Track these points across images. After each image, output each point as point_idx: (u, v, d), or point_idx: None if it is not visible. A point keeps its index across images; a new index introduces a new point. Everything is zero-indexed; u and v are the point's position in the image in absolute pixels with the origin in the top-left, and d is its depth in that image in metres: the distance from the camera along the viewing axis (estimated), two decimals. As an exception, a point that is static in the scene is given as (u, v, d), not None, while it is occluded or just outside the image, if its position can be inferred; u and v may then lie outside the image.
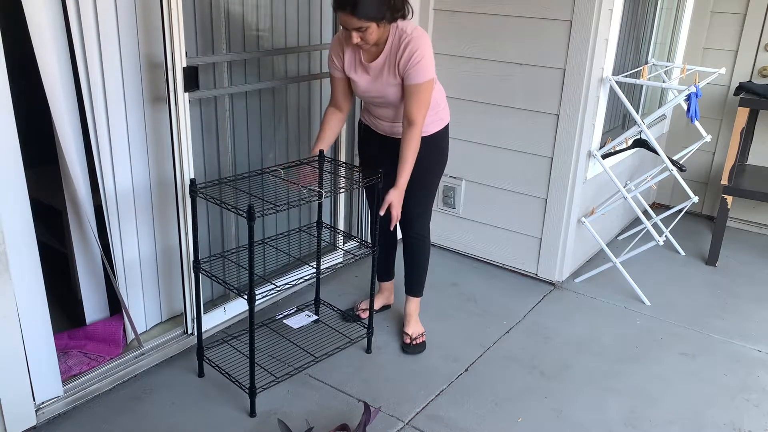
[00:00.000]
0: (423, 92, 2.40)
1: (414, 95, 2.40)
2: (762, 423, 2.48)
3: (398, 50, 2.37)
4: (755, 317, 3.22)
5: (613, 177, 3.27)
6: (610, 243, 3.81)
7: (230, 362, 2.58)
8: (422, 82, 2.38)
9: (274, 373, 2.53)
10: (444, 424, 2.39)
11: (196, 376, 2.58)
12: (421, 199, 2.72)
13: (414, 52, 2.34)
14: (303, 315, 2.83)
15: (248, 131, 2.88)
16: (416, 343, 2.83)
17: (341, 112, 2.65)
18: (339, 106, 2.63)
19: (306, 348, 2.71)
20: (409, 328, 2.86)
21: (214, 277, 2.47)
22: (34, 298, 2.17)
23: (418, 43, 2.34)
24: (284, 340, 2.77)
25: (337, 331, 2.86)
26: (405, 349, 2.82)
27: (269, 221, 3.12)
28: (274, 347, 2.73)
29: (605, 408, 2.52)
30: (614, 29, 3.11)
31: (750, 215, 4.25)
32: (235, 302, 2.91)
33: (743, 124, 3.58)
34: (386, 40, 2.39)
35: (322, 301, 3.05)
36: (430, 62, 2.38)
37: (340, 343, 2.77)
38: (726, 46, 4.13)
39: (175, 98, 2.37)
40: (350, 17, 2.24)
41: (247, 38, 2.74)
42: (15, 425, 2.17)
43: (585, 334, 3.00)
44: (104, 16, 2.23)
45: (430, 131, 2.61)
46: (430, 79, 2.40)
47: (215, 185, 2.39)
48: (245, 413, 2.39)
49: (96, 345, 2.61)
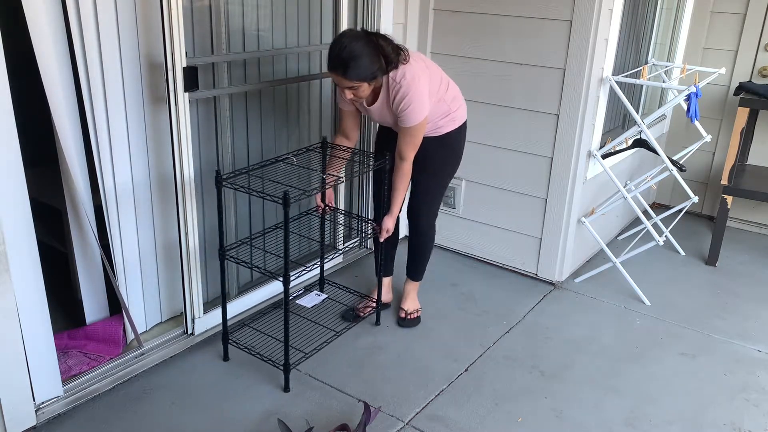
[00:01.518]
0: (413, 134, 2.55)
1: (405, 136, 2.56)
2: (762, 423, 2.48)
3: (390, 96, 2.51)
4: (755, 317, 3.22)
5: (613, 177, 3.27)
6: (610, 243, 3.81)
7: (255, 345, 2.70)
8: (411, 126, 2.52)
9: (302, 350, 2.67)
10: (444, 424, 2.39)
11: (221, 360, 2.68)
12: (429, 195, 2.83)
13: (402, 99, 2.47)
14: (313, 294, 3.02)
15: (248, 131, 2.87)
16: (411, 317, 2.99)
17: (349, 140, 2.80)
18: (347, 134, 2.79)
19: (324, 325, 2.87)
20: (405, 304, 3.02)
21: (243, 263, 2.55)
22: (34, 298, 2.17)
23: (406, 90, 2.46)
24: (301, 319, 2.92)
25: (347, 306, 3.03)
26: (400, 322, 2.99)
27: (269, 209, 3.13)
28: (294, 326, 2.85)
29: (605, 408, 2.52)
30: (614, 29, 3.11)
31: (750, 215, 4.25)
32: (236, 302, 2.91)
33: (743, 124, 3.58)
34: (379, 87, 2.53)
35: (327, 281, 3.21)
36: (419, 106, 2.49)
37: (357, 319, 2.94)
38: (726, 46, 4.13)
39: (175, 98, 2.37)
40: (341, 79, 2.39)
41: (247, 38, 2.74)
42: (15, 425, 2.17)
43: (585, 334, 3.00)
44: (104, 16, 2.23)
45: (443, 131, 2.71)
46: (419, 122, 2.52)
47: (237, 175, 2.48)
48: (278, 389, 2.52)
49: (96, 345, 2.61)
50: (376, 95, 2.56)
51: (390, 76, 2.48)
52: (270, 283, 3.05)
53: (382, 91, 2.53)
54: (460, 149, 2.82)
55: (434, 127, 2.68)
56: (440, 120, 2.67)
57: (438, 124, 2.68)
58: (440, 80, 2.64)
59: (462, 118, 2.76)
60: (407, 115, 2.49)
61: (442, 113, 2.66)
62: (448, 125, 2.71)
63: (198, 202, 2.65)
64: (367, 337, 2.89)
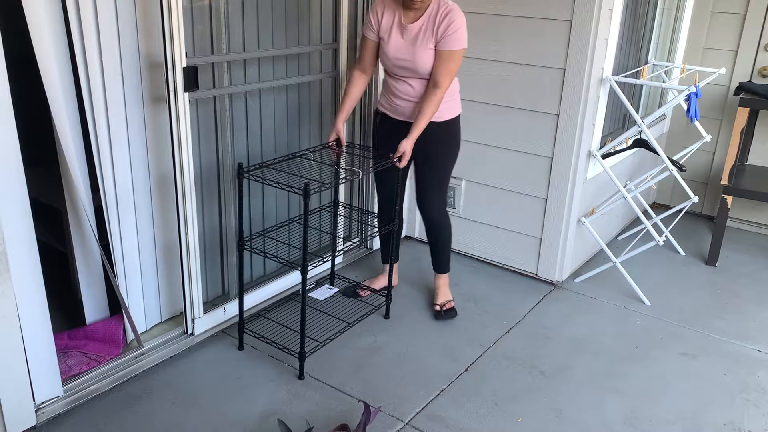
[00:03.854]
0: (453, 60, 2.62)
1: (445, 61, 2.61)
2: (762, 423, 2.48)
3: (437, 17, 2.59)
4: (755, 317, 3.22)
5: (613, 177, 3.27)
6: (610, 243, 3.81)
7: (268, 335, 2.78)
8: (455, 50, 2.60)
9: (317, 339, 2.74)
10: (444, 424, 2.39)
11: (236, 349, 2.75)
12: (437, 183, 2.90)
13: (453, 21, 2.58)
14: (324, 288, 3.10)
15: (248, 131, 2.87)
16: (446, 309, 3.05)
17: (365, 75, 2.85)
18: (364, 69, 2.83)
19: (336, 316, 2.95)
20: (438, 299, 3.09)
21: (262, 252, 2.63)
22: (34, 298, 2.17)
23: (457, 14, 2.59)
24: (314, 311, 3.00)
25: (359, 300, 3.11)
26: (437, 317, 3.05)
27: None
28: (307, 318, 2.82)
29: (605, 408, 2.52)
30: (614, 29, 3.11)
31: (750, 215, 4.25)
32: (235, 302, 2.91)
33: (743, 124, 3.58)
34: (428, 6, 2.60)
35: (337, 275, 3.27)
36: (464, 34, 2.61)
37: (365, 310, 3.01)
38: (726, 46, 4.13)
39: (175, 98, 2.37)
40: None
41: (247, 38, 2.74)
42: (15, 425, 2.17)
43: (585, 334, 3.00)
44: (104, 16, 2.23)
45: (445, 117, 2.79)
46: (463, 48, 2.62)
47: (257, 169, 2.57)
48: (293, 376, 2.59)
49: (96, 345, 2.61)
50: (418, 16, 2.62)
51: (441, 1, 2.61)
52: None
53: (426, 12, 2.61)
54: (459, 138, 2.90)
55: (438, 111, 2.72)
56: (444, 102, 2.72)
57: (442, 107, 2.73)
58: None
59: (458, 109, 2.85)
60: (453, 38, 2.57)
61: (448, 94, 2.72)
62: (451, 111, 2.80)
63: (198, 202, 2.65)
64: (367, 337, 2.89)
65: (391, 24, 2.67)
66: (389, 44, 2.67)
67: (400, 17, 2.65)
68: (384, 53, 2.71)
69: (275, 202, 3.15)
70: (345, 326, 2.87)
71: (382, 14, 2.69)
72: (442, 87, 2.62)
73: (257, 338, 2.74)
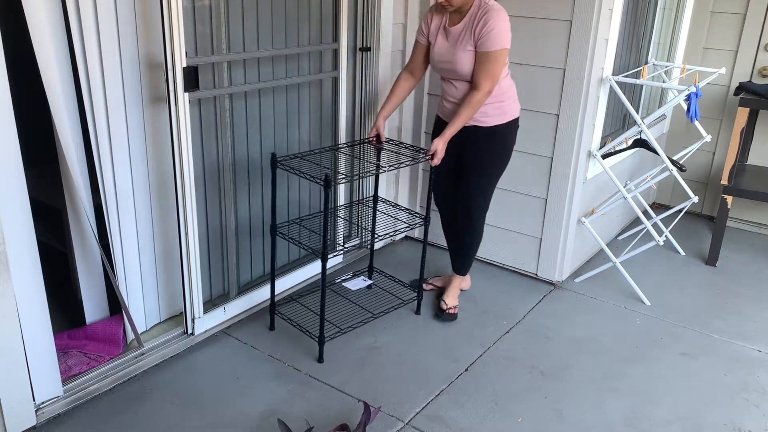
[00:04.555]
0: (492, 61, 2.59)
1: (482, 63, 2.60)
2: (762, 423, 2.48)
3: (476, 18, 2.59)
4: (755, 317, 3.22)
5: (613, 177, 3.27)
6: (610, 243, 3.81)
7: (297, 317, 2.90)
8: (492, 50, 2.57)
9: (339, 326, 2.84)
10: (444, 424, 2.39)
11: (268, 330, 2.91)
12: (478, 188, 2.91)
13: (488, 21, 2.56)
14: (359, 279, 3.17)
15: (248, 131, 2.87)
16: (449, 312, 3.05)
17: (413, 77, 2.91)
18: (413, 71, 2.90)
19: (364, 307, 3.01)
20: (447, 298, 3.10)
21: (292, 239, 2.77)
22: (34, 298, 2.17)
23: (494, 14, 2.57)
24: (344, 300, 3.08)
25: (389, 293, 3.16)
26: (437, 315, 3.07)
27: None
28: (336, 306, 3.03)
29: (605, 408, 2.52)
30: (614, 29, 3.11)
31: (750, 215, 4.25)
32: (235, 302, 2.92)
33: (743, 124, 3.58)
34: (469, 8, 2.62)
35: (375, 269, 3.32)
36: (501, 32, 2.57)
37: (393, 303, 3.07)
38: (726, 46, 4.13)
39: (175, 98, 2.37)
40: None
41: (247, 38, 2.74)
42: (15, 425, 2.17)
43: (585, 334, 3.00)
44: (104, 16, 2.23)
45: (491, 123, 2.76)
46: (500, 49, 2.58)
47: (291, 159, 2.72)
48: (313, 359, 2.70)
49: (96, 345, 2.61)
50: (461, 19, 2.65)
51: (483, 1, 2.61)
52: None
53: (468, 13, 2.62)
54: (508, 147, 2.87)
55: (483, 115, 2.72)
56: (490, 106, 2.70)
57: (488, 111, 2.71)
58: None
59: (512, 114, 2.80)
60: (491, 38, 2.55)
61: (494, 97, 2.70)
62: (498, 117, 2.76)
63: (198, 202, 2.65)
64: (367, 337, 2.89)
65: (438, 27, 2.73)
66: (434, 47, 2.75)
67: (446, 21, 2.71)
68: (431, 56, 2.79)
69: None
70: (369, 317, 2.92)
71: (431, 19, 2.76)
72: (481, 89, 2.61)
73: (285, 320, 2.87)
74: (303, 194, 3.26)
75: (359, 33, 3.26)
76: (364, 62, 3.32)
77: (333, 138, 3.25)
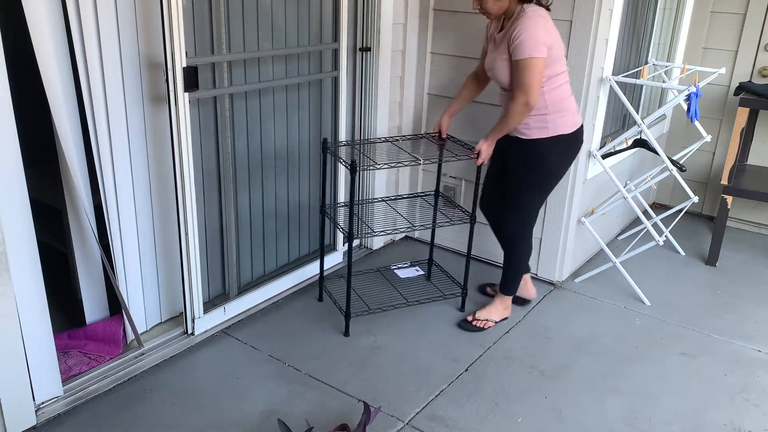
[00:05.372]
0: (519, 71, 2.50)
1: (514, 72, 2.54)
2: (762, 423, 2.48)
3: (512, 25, 2.53)
4: (755, 317, 3.22)
5: (613, 177, 3.27)
6: (610, 243, 3.81)
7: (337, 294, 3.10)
8: (518, 59, 2.49)
9: (369, 305, 3.04)
10: (444, 424, 2.39)
11: (316, 300, 3.15)
12: (512, 201, 2.83)
13: (517, 29, 2.49)
14: (412, 269, 3.36)
15: (248, 131, 2.87)
16: (474, 324, 2.97)
17: (477, 80, 2.92)
18: (477, 74, 2.92)
19: (404, 294, 3.17)
20: (479, 311, 3.02)
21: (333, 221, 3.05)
22: (34, 298, 2.17)
23: (525, 21, 2.48)
24: (388, 285, 3.27)
25: (435, 286, 3.28)
26: (460, 323, 3.00)
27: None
28: (380, 288, 3.24)
29: (605, 408, 2.52)
30: (614, 29, 3.11)
31: (750, 215, 4.25)
32: (235, 302, 2.92)
33: (743, 124, 3.58)
34: (512, 14, 2.56)
35: (434, 262, 3.42)
36: (529, 43, 2.45)
37: (434, 295, 3.18)
38: (726, 46, 4.13)
39: (175, 98, 2.37)
40: None
41: (247, 38, 2.74)
42: (15, 425, 2.17)
43: (585, 334, 3.00)
44: (104, 16, 2.23)
45: (532, 135, 2.67)
46: (527, 58, 2.47)
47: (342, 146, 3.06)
48: (340, 333, 2.89)
49: (96, 345, 2.61)
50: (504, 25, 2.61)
51: (524, 7, 2.52)
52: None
53: (509, 22, 2.56)
54: (549, 163, 2.71)
55: (524, 126, 2.64)
56: (533, 118, 2.61)
57: (529, 123, 2.63)
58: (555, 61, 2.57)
59: (555, 130, 2.64)
60: (516, 47, 2.48)
61: (537, 109, 2.59)
62: (540, 131, 2.64)
63: (198, 202, 2.65)
64: (367, 337, 2.89)
65: (492, 34, 2.70)
66: (487, 52, 2.74)
67: (496, 27, 2.67)
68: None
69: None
70: (402, 303, 3.07)
71: (490, 24, 2.73)
72: (516, 100, 2.52)
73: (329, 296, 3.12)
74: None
75: (359, 33, 3.26)
76: (364, 62, 3.32)
77: (333, 138, 3.25)
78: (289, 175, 3.13)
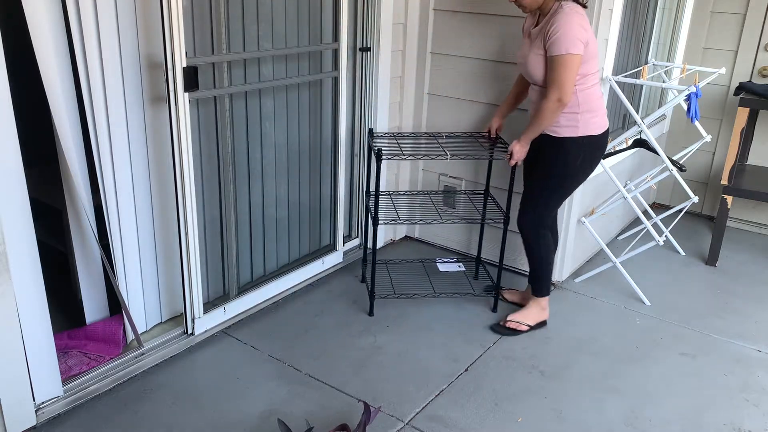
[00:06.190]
0: (554, 68, 2.49)
1: (549, 68, 2.53)
2: (762, 423, 2.48)
3: (549, 20, 2.51)
4: (755, 317, 3.22)
5: (613, 177, 3.27)
6: (610, 243, 3.81)
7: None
8: (554, 55, 2.47)
9: (396, 289, 3.18)
10: (444, 424, 2.39)
11: (359, 281, 3.35)
12: (532, 196, 2.83)
13: (554, 25, 2.47)
14: (455, 264, 3.41)
15: (248, 131, 2.87)
16: (507, 326, 2.96)
17: (519, 87, 2.93)
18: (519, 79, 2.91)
19: (436, 286, 3.27)
20: (514, 313, 3.00)
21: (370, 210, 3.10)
22: (34, 298, 2.17)
23: (562, 17, 2.46)
24: (423, 275, 3.38)
25: (469, 284, 3.34)
26: (492, 325, 3.00)
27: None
28: (415, 276, 3.35)
29: (605, 408, 2.52)
30: (614, 29, 3.11)
31: (750, 215, 4.25)
32: (235, 302, 2.92)
33: (743, 124, 3.58)
34: (549, 9, 2.54)
35: (481, 260, 3.47)
36: (566, 39, 2.44)
37: (465, 291, 3.25)
38: (726, 46, 4.13)
39: (175, 98, 2.37)
40: None
41: (247, 38, 2.74)
42: (15, 425, 2.17)
43: (585, 334, 3.00)
44: (104, 16, 2.23)
45: (561, 134, 2.65)
46: (564, 54, 2.46)
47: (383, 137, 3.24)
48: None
49: (96, 345, 2.61)
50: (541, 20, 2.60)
51: (562, 3, 2.51)
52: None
53: (546, 17, 2.55)
54: (575, 163, 2.69)
55: (555, 124, 2.62)
56: (564, 116, 2.59)
57: (560, 121, 2.61)
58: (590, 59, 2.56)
59: (586, 130, 2.62)
60: (553, 43, 2.46)
61: (569, 107, 2.57)
62: (570, 129, 2.62)
63: (198, 202, 2.65)
64: (368, 337, 2.89)
65: (528, 28, 2.70)
66: (521, 47, 2.73)
67: (533, 22, 2.67)
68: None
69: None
70: (428, 293, 3.18)
71: (527, 19, 2.73)
72: (549, 98, 2.51)
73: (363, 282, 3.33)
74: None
75: (359, 33, 3.26)
76: (364, 62, 3.32)
77: (333, 138, 3.25)
78: (290, 175, 3.13)
